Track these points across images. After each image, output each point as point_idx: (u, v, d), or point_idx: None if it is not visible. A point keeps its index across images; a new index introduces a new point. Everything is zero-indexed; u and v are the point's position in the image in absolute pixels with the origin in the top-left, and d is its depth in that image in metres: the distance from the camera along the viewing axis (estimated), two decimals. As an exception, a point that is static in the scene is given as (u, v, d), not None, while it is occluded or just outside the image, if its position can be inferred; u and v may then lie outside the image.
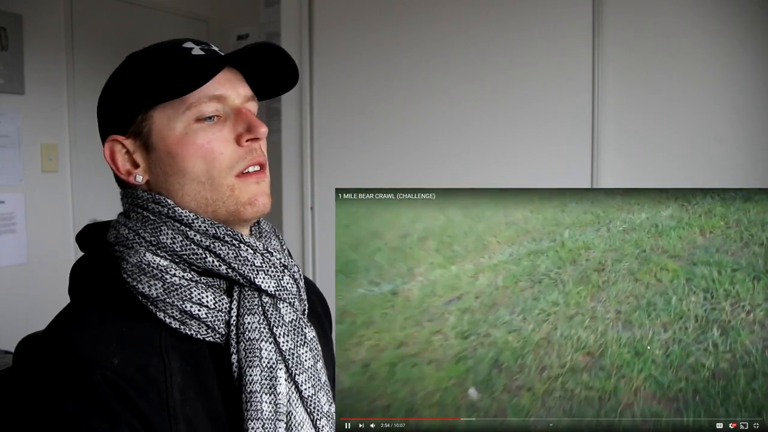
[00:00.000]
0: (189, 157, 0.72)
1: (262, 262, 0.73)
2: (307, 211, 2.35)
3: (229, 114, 0.74)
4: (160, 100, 0.72)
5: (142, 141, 0.74)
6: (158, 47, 0.76)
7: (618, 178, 1.89)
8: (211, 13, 3.23)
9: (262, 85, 0.79)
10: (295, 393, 0.72)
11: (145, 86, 0.73)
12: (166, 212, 0.72)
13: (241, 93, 0.76)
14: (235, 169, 0.73)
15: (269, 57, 0.77)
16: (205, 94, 0.72)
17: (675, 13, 1.82)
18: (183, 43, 0.76)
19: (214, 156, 0.72)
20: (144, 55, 0.76)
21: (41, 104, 2.52)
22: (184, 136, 0.72)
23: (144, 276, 0.69)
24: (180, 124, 0.72)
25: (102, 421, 0.62)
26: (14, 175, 2.43)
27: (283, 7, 2.37)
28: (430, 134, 2.16)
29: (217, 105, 0.73)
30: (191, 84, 0.71)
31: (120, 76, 0.76)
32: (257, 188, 0.75)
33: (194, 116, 0.72)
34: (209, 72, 0.71)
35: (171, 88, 0.71)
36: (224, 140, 0.73)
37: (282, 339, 0.72)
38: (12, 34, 2.38)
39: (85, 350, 0.65)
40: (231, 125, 0.74)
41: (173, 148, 0.72)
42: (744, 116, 1.76)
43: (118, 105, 0.75)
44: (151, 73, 0.73)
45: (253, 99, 0.78)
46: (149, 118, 0.73)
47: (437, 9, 2.13)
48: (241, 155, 0.74)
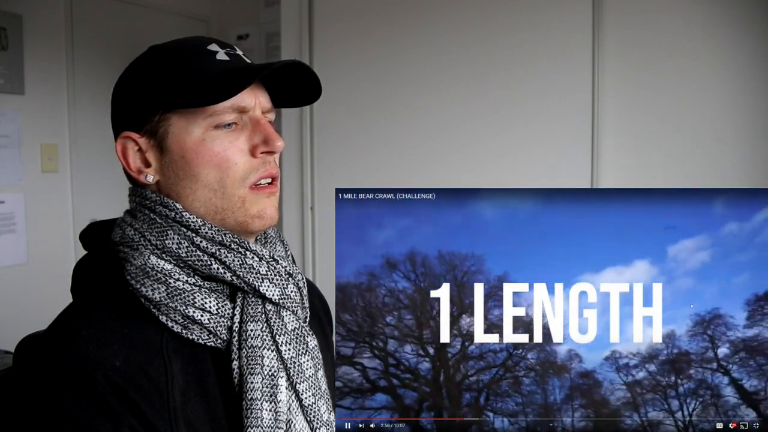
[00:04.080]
0: (203, 164, 0.71)
1: (267, 270, 0.73)
2: (307, 211, 2.35)
3: (246, 123, 0.74)
4: (182, 105, 0.71)
5: (156, 141, 0.73)
6: (182, 46, 0.75)
7: (618, 178, 1.89)
8: (211, 13, 3.23)
9: (282, 95, 0.79)
10: (295, 401, 0.72)
11: (168, 89, 0.71)
12: (173, 216, 0.71)
13: (262, 104, 0.75)
14: (248, 180, 0.73)
15: (295, 71, 0.76)
16: (228, 105, 0.71)
17: (675, 13, 1.82)
18: (208, 45, 0.74)
19: (229, 165, 0.72)
20: (168, 54, 0.74)
21: (41, 104, 2.52)
22: (201, 142, 0.71)
23: (148, 279, 0.69)
24: (198, 129, 0.71)
25: (104, 421, 0.62)
26: (14, 175, 2.43)
27: (283, 7, 2.38)
28: (430, 134, 2.16)
29: (237, 114, 0.73)
30: (218, 96, 0.70)
31: (141, 71, 0.74)
32: (267, 202, 0.74)
33: (213, 123, 0.71)
34: (237, 86, 0.70)
35: (196, 98, 0.70)
36: (239, 150, 0.72)
37: (284, 347, 0.72)
38: (12, 34, 2.38)
39: (87, 350, 0.65)
40: (247, 135, 0.73)
41: (188, 153, 0.72)
42: (744, 116, 1.76)
43: (136, 102, 0.73)
44: (175, 76, 0.71)
45: (272, 110, 0.77)
46: (167, 119, 0.72)
47: (437, 9, 2.13)
48: (255, 166, 0.73)
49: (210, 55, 0.73)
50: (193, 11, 3.16)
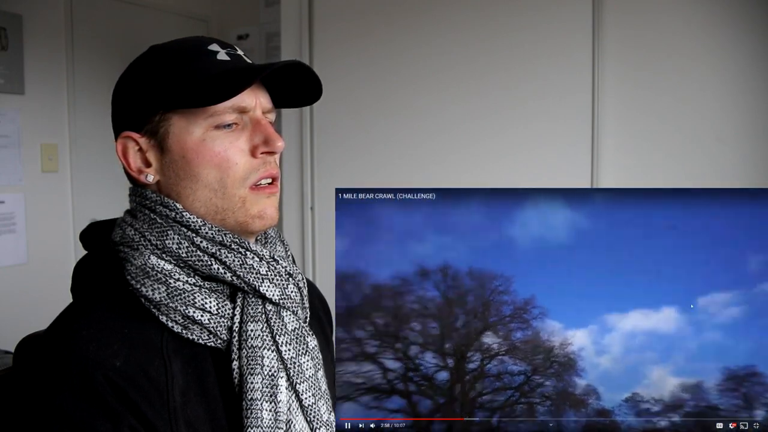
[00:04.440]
0: (204, 164, 0.71)
1: (267, 270, 0.73)
2: (307, 211, 2.35)
3: (247, 123, 0.74)
4: (182, 105, 0.71)
5: (157, 141, 0.73)
6: (183, 46, 0.75)
7: (618, 178, 1.89)
8: (211, 13, 3.23)
9: (283, 95, 0.79)
10: (295, 402, 0.72)
11: (168, 89, 0.71)
12: (173, 216, 0.71)
13: (263, 104, 0.75)
14: (248, 181, 0.73)
15: (296, 71, 0.76)
16: (229, 105, 0.71)
17: (675, 13, 1.82)
18: (208, 45, 0.74)
19: (229, 165, 0.72)
20: (168, 54, 0.74)
21: (41, 104, 2.52)
22: (201, 142, 0.71)
23: (148, 279, 0.69)
24: (198, 129, 0.71)
25: (104, 421, 0.62)
26: (14, 175, 2.43)
27: (283, 7, 2.38)
28: (430, 134, 2.16)
29: (238, 114, 0.73)
30: (219, 96, 0.70)
31: (141, 71, 0.74)
32: (267, 202, 0.75)
33: (214, 123, 0.71)
34: (238, 87, 0.70)
35: (197, 98, 0.70)
36: (240, 150, 0.72)
37: (284, 347, 0.72)
38: (12, 34, 2.38)
39: (87, 350, 0.65)
40: (248, 135, 0.73)
41: (189, 153, 0.72)
42: (744, 116, 1.76)
43: (137, 102, 0.73)
44: (176, 76, 0.71)
45: (272, 110, 0.77)
46: (167, 120, 0.72)
47: (437, 9, 2.13)
48: (255, 167, 0.73)
49: (211, 55, 0.73)
50: (193, 11, 3.16)
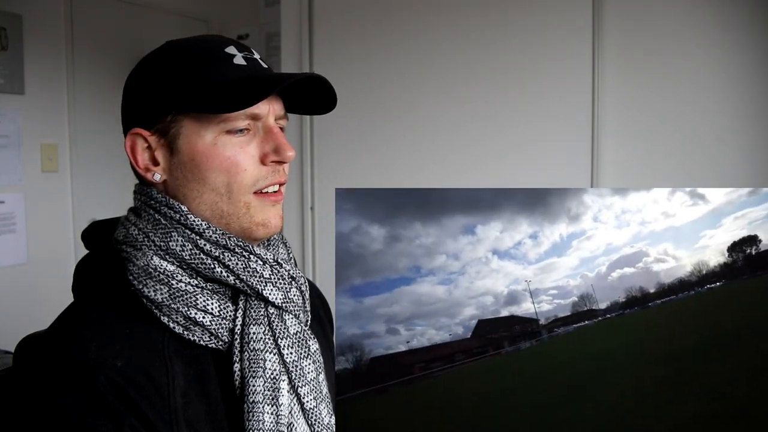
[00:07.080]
0: (213, 168, 0.71)
1: (270, 273, 0.73)
2: (307, 211, 2.35)
3: (259, 130, 0.74)
4: (196, 110, 0.71)
5: (167, 141, 0.72)
6: (199, 47, 0.74)
7: (618, 178, 1.89)
8: (211, 13, 3.23)
9: (296, 102, 0.78)
10: (297, 405, 0.72)
11: (183, 92, 0.70)
12: (178, 218, 0.71)
13: (276, 111, 0.75)
14: (255, 187, 0.73)
15: (312, 81, 0.75)
16: (243, 112, 0.71)
17: (675, 14, 1.82)
18: (226, 47, 0.73)
19: (238, 171, 0.72)
20: (185, 53, 0.73)
21: (41, 104, 2.52)
22: (212, 146, 0.71)
23: (150, 280, 0.69)
24: (210, 133, 0.71)
25: (105, 421, 0.62)
26: (14, 175, 2.43)
27: (283, 7, 2.38)
28: (430, 134, 2.16)
29: (251, 120, 0.72)
30: (234, 105, 0.69)
31: (156, 68, 0.73)
32: (272, 211, 0.75)
33: (226, 128, 0.71)
34: (254, 98, 0.69)
35: (212, 105, 0.70)
36: (250, 156, 0.72)
37: (286, 351, 0.72)
38: (12, 34, 2.38)
39: (88, 350, 0.65)
40: (259, 142, 0.73)
41: (198, 156, 0.71)
42: (744, 116, 1.76)
43: (149, 100, 0.73)
44: (192, 79, 0.71)
45: (285, 117, 0.77)
46: (179, 121, 0.71)
47: (437, 10, 2.13)
48: (264, 174, 0.73)
49: (227, 58, 0.73)
50: (193, 11, 3.15)
